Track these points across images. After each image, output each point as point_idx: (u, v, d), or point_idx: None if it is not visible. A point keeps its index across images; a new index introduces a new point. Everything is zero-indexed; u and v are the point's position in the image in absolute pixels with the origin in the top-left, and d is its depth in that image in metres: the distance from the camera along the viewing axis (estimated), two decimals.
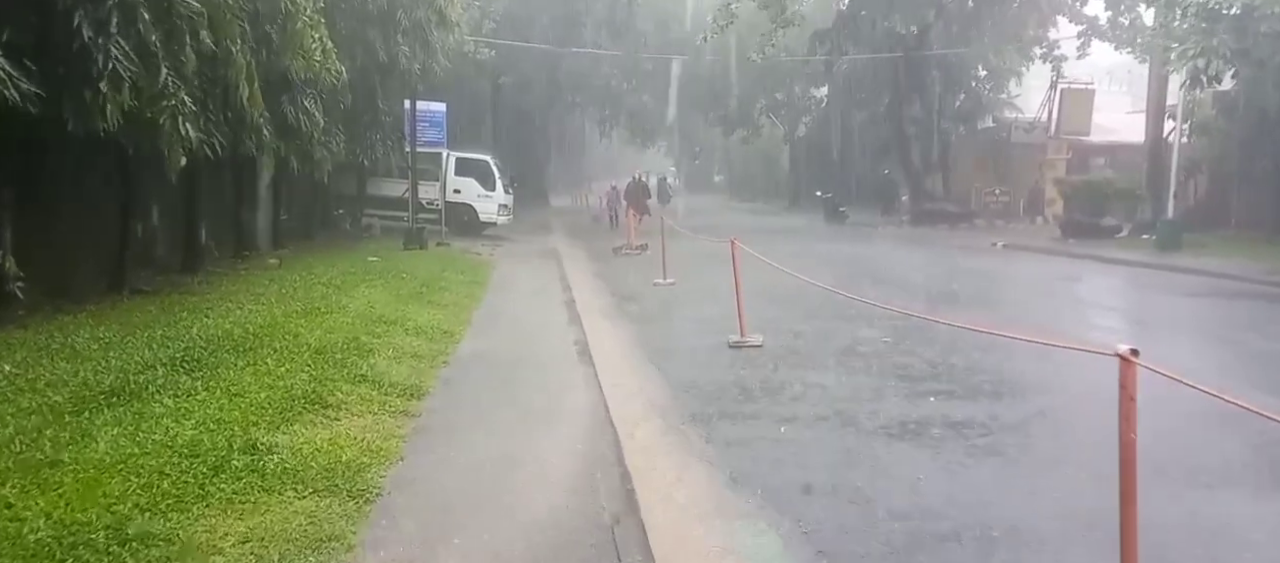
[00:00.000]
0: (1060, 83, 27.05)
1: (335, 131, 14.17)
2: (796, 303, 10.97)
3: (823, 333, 9.13)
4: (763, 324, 8.86)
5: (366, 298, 9.73)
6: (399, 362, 6.94)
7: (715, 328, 9.43)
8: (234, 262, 12.62)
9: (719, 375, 7.23)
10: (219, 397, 5.15)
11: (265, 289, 9.76)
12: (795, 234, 24.72)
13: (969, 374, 7.23)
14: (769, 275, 9.79)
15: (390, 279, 11.62)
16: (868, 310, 10.11)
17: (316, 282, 10.58)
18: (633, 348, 8.45)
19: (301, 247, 16.04)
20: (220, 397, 5.15)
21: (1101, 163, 28.54)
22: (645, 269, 15.48)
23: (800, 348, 8.34)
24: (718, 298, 11.90)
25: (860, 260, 17.29)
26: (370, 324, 8.15)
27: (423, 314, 9.28)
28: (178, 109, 7.50)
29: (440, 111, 18.51)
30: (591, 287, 13.40)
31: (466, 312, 9.98)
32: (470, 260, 16.03)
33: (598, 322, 9.93)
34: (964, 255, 18.81)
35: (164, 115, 7.43)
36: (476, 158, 22.77)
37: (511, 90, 32.91)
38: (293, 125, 11.21)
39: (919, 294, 12.32)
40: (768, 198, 49.08)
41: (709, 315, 10.32)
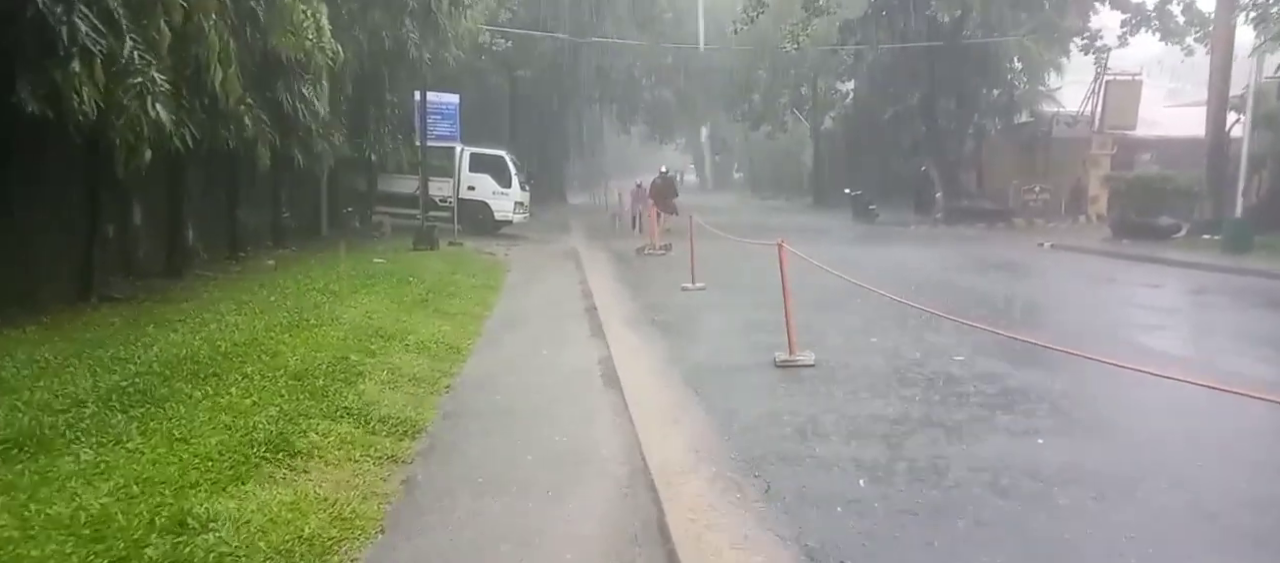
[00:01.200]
0: (1105, 74, 25.61)
1: (338, 124, 13.16)
2: (841, 310, 9.82)
3: (881, 348, 7.98)
4: (809, 337, 7.74)
5: (365, 306, 8.70)
6: (393, 388, 5.88)
7: (756, 341, 8.32)
8: (227, 264, 11.64)
9: (771, 404, 6.11)
10: (157, 444, 4.10)
11: (253, 296, 8.75)
12: (824, 234, 23.49)
13: (1072, 406, 6.07)
14: (809, 276, 8.66)
15: (394, 284, 10.59)
16: (925, 320, 8.98)
17: (312, 287, 9.56)
18: (665, 367, 7.34)
19: (305, 247, 15.07)
20: (158, 445, 4.10)
21: (1147, 158, 27.05)
22: (671, 272, 14.37)
23: (859, 367, 7.19)
24: (754, 305, 10.79)
25: (899, 261, 16.09)
26: (365, 339, 7.10)
27: (427, 326, 8.22)
28: (146, 88, 6.48)
29: (453, 104, 17.48)
30: (614, 292, 12.30)
31: (477, 322, 8.92)
32: (483, 262, 15.00)
33: (623, 334, 8.83)
34: (1011, 256, 17.53)
35: (130, 95, 6.41)
36: (492, 153, 21.75)
37: (528, 84, 31.86)
38: (288, 115, 10.19)
39: (976, 301, 11.13)
40: (789, 195, 47.79)
41: (746, 326, 9.21)
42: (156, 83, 6.39)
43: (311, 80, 10.53)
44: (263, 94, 9.90)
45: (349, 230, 19.07)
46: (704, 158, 70.41)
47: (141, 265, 10.13)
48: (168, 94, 6.56)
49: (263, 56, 9.25)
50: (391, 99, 16.19)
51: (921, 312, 8.65)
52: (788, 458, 4.94)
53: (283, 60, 9.60)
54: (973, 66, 27.96)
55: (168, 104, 6.47)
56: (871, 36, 27.79)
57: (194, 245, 10.28)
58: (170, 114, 6.54)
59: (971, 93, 28.94)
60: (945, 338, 8.29)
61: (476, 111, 31.29)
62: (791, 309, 7.40)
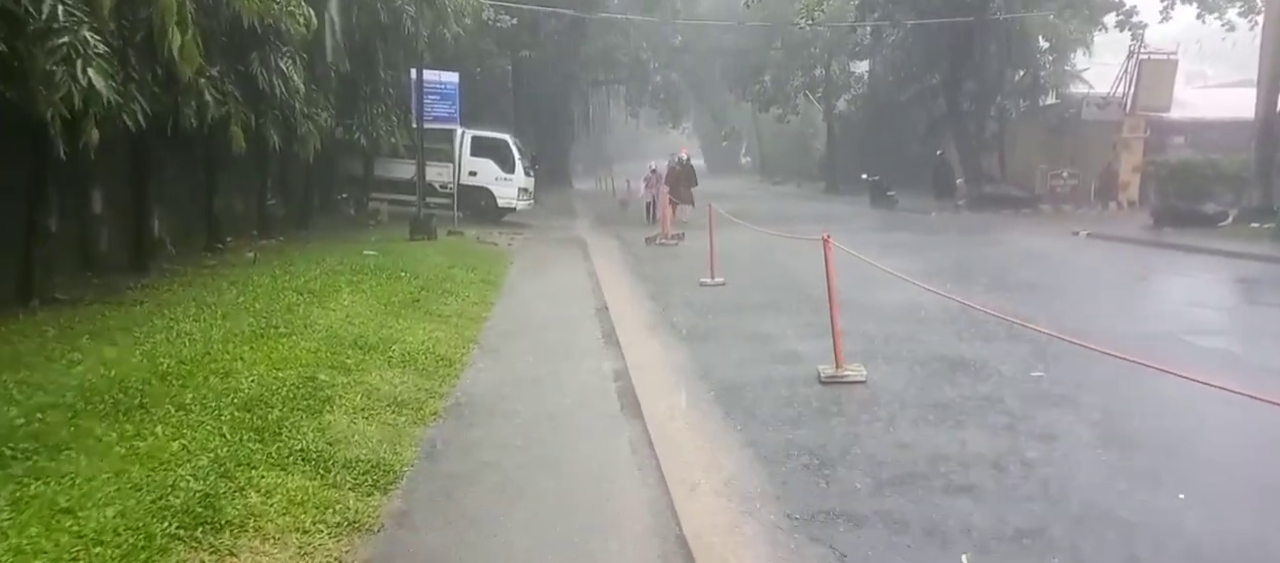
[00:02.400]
0: (1140, 52, 24.32)
1: (325, 102, 12.08)
2: (881, 309, 8.74)
3: (937, 358, 6.91)
4: (852, 342, 6.68)
5: (346, 308, 7.65)
6: (368, 417, 4.84)
7: (791, 350, 7.27)
8: (202, 256, 10.60)
9: (823, 435, 5.06)
10: (29, 522, 3.06)
11: (218, 297, 7.71)
12: (843, 221, 22.36)
13: (1197, 446, 5.01)
14: (841, 269, 7.57)
15: (384, 279, 9.54)
16: (979, 321, 7.91)
17: (290, 285, 8.51)
18: (691, 384, 6.29)
19: (293, 236, 14.03)
20: (31, 522, 3.06)
21: (1181, 142, 25.80)
22: (686, 264, 13.30)
23: (918, 385, 6.13)
24: (781, 304, 9.73)
25: (929, 251, 14.98)
26: (340, 352, 6.06)
27: (416, 330, 7.18)
28: (76, 51, 5.41)
29: (452, 83, 16.36)
30: (626, 287, 11.25)
31: (474, 326, 7.87)
32: (484, 253, 13.94)
33: (639, 340, 7.78)
34: (1047, 246, 16.40)
35: (54, 60, 5.35)
36: (494, 137, 20.64)
37: (533, 65, 30.66)
38: (263, 91, 9.11)
39: (1028, 298, 10.04)
40: (800, 180, 46.52)
41: (777, 330, 8.16)
42: (89, 45, 5.31)
43: (290, 53, 9.44)
44: (234, 67, 8.83)
45: (343, 218, 18.02)
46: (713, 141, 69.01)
47: (103, 260, 9.11)
48: (104, 59, 5.48)
49: (232, 25, 8.17)
50: (386, 77, 15.07)
51: (973, 311, 7.59)
52: (857, 520, 3.89)
53: (256, 30, 8.51)
54: (997, 45, 26.70)
55: (103, 71, 5.39)
56: (893, 13, 26.52)
57: (160, 237, 9.24)
58: (107, 83, 5.46)
59: (995, 73, 27.68)
60: (1009, 345, 7.22)
61: (479, 93, 30.15)
62: (838, 316, 6.33)
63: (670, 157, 20.76)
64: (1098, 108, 25.26)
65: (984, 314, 7.35)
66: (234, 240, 12.43)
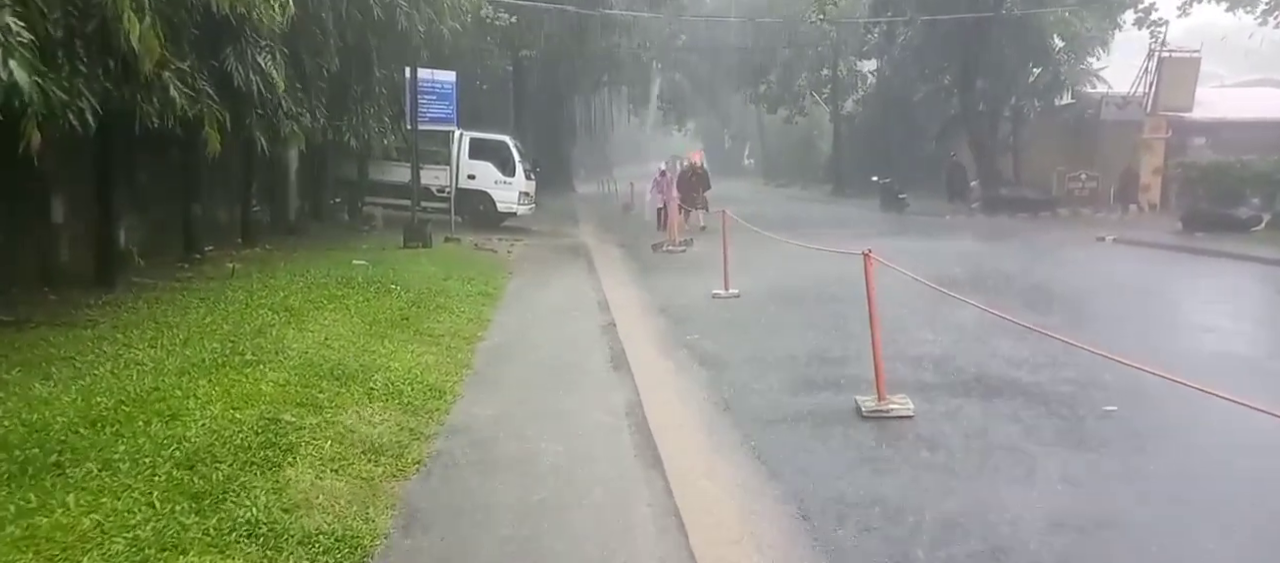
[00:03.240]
0: (1160, 50, 23.55)
1: (311, 102, 11.31)
2: (915, 323, 7.96)
3: (990, 385, 6.13)
4: (889, 365, 5.89)
5: (326, 329, 6.88)
6: (338, 470, 4.07)
7: (821, 375, 6.50)
8: (177, 268, 9.84)
9: (875, 487, 4.29)
10: None
11: (184, 316, 6.94)
12: (854, 226, 21.58)
13: None
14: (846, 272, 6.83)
15: (372, 293, 8.77)
16: (1024, 338, 7.14)
17: (266, 301, 7.75)
18: (713, 421, 5.51)
19: (281, 244, 13.26)
20: None
21: (1202, 143, 25.01)
22: (696, 273, 12.54)
23: (975, 420, 5.35)
24: (801, 319, 8.95)
25: (949, 258, 14.17)
26: (314, 383, 5.29)
27: (403, 355, 6.41)
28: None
29: (449, 82, 15.61)
30: (634, 300, 10.48)
31: (468, 348, 7.10)
32: (482, 261, 13.18)
33: (651, 364, 7.01)
34: (1074, 253, 15.63)
35: None
36: (494, 139, 19.91)
37: (534, 65, 29.90)
38: (240, 89, 8.34)
39: (1071, 312, 9.27)
40: (805, 182, 45.71)
41: (801, 350, 7.39)
42: (12, 32, 4.55)
43: (269, 47, 8.67)
44: (207, 62, 8.07)
45: (336, 224, 17.27)
46: (723, 143, 68.31)
47: (64, 274, 8.35)
48: (29, 48, 4.71)
49: (202, 14, 7.40)
50: (380, 76, 14.30)
51: (1015, 327, 6.79)
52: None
53: (230, 20, 7.75)
54: (1012, 42, 25.91)
55: (26, 64, 4.62)
56: (905, 10, 25.77)
57: (127, 248, 8.47)
58: (31, 77, 4.68)
59: (1010, 72, 26.88)
60: (1067, 370, 6.44)
61: (479, 94, 29.45)
62: (879, 341, 5.54)
63: (672, 158, 20.02)
64: (1118, 108, 24.48)
65: (1029, 330, 6.55)
66: (216, 250, 11.67)
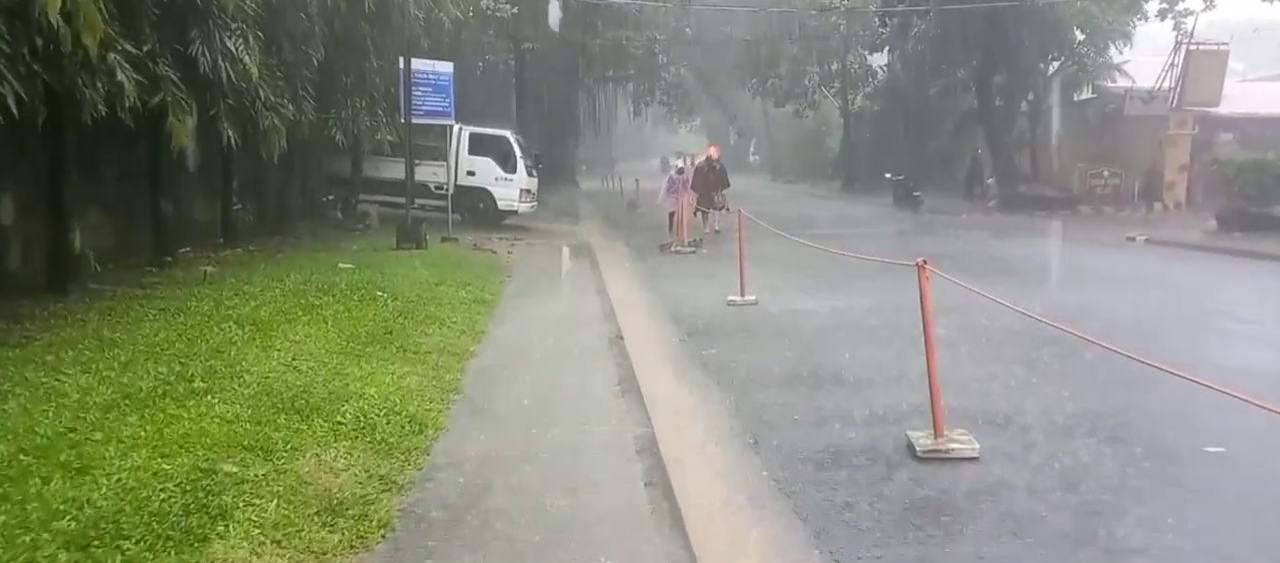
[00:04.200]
0: (1186, 42, 22.63)
1: (295, 93, 10.49)
2: (964, 337, 7.11)
3: (1063, 417, 5.29)
4: (921, 380, 5.04)
5: (297, 345, 6.07)
6: (281, 541, 3.25)
7: (860, 400, 5.66)
8: (144, 272, 9.03)
9: (947, 558, 3.46)
10: None
11: (134, 332, 6.13)
12: (869, 225, 20.77)
13: None
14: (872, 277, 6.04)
15: (355, 302, 7.96)
16: (1084, 354, 6.33)
17: (233, 312, 6.93)
18: (741, 462, 4.69)
19: (265, 245, 12.46)
20: None
21: (1228, 139, 24.10)
22: (707, 277, 11.72)
23: (1055, 466, 4.52)
24: (827, 330, 8.09)
25: (976, 260, 13.34)
26: (270, 418, 4.48)
27: (381, 378, 5.59)
28: None
29: (446, 74, 14.76)
30: (642, 307, 9.66)
31: (457, 366, 6.27)
32: (480, 263, 12.35)
33: (665, 385, 6.19)
34: (1107, 255, 14.77)
35: None
36: (494, 134, 19.08)
37: (536, 59, 29.04)
38: (206, 75, 7.52)
39: (1117, 320, 8.42)
40: (814, 179, 44.84)
41: (833, 368, 6.58)
42: None
43: (241, 31, 7.85)
44: (171, 46, 7.25)
45: (328, 223, 16.44)
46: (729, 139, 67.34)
47: (13, 281, 7.54)
48: None
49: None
50: (373, 67, 13.47)
51: (1073, 340, 5.97)
52: None
53: (196, 1, 6.93)
54: (1031, 35, 24.98)
55: None
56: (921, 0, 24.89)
57: (84, 251, 7.66)
58: None
59: (1028, 65, 25.95)
60: (1149, 397, 5.61)
61: (479, 88, 28.64)
62: (937, 370, 4.70)
63: (677, 154, 19.11)
64: (1143, 102, 23.56)
65: (1089, 345, 5.69)
66: (193, 251, 10.87)
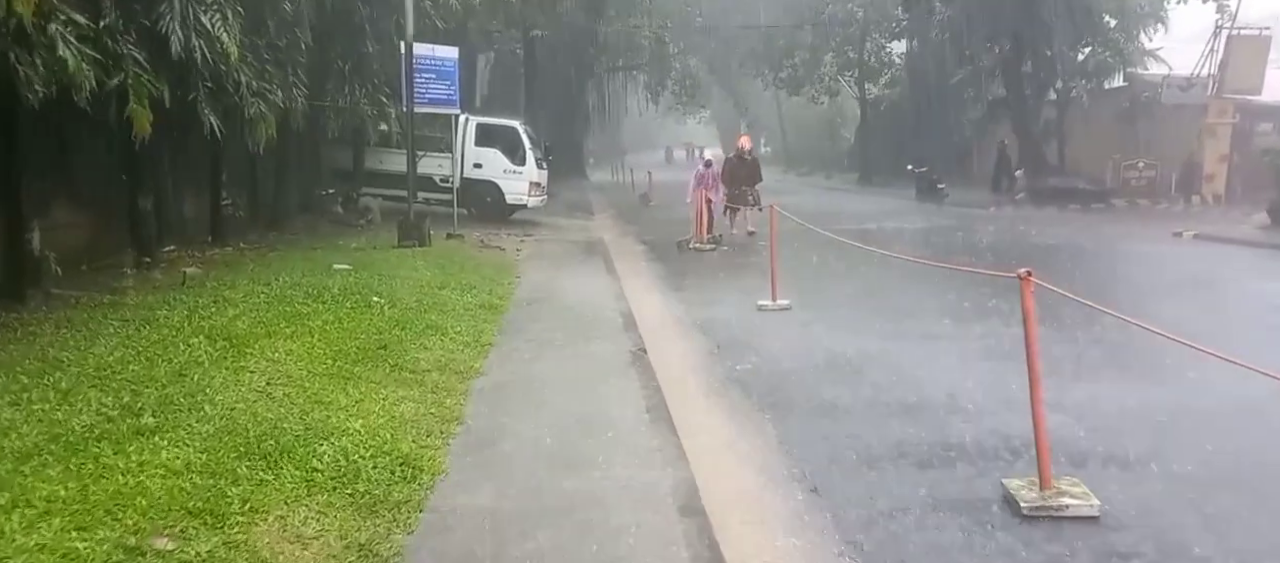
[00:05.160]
0: (1228, 27, 21.56)
1: (290, 78, 9.67)
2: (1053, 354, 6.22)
3: (1194, 458, 4.42)
4: (1016, 409, 4.17)
5: (274, 365, 5.25)
6: None
7: (931, 430, 4.83)
8: (120, 274, 8.22)
9: None
10: None
11: (86, 350, 5.31)
12: (895, 218, 19.82)
13: None
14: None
15: (347, 310, 7.14)
16: (1197, 367, 5.45)
17: (206, 323, 6.11)
18: (802, 514, 3.84)
19: (258, 243, 11.66)
20: None
21: (1269, 129, 23.07)
22: (732, 277, 10.89)
23: (1207, 535, 3.66)
24: (875, 341, 7.21)
25: (1020, 255, 12.44)
26: (228, 465, 3.66)
27: (370, 405, 4.76)
28: None
29: (450, 60, 13.88)
30: (665, 313, 8.80)
31: (459, 389, 5.42)
32: (487, 263, 11.51)
33: (701, 412, 5.34)
34: (1159, 252, 13.85)
35: None
36: (502, 124, 18.21)
37: (546, 47, 28.13)
38: (177, 56, 6.68)
39: (1214, 329, 7.51)
40: (828, 171, 43.82)
41: (893, 390, 5.71)
42: None
43: (218, 6, 7.01)
44: (138, 21, 6.43)
45: (328, 218, 15.62)
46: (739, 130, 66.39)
47: None
48: None
49: None
50: (372, 51, 12.63)
51: (1181, 350, 5.10)
52: None
53: None
54: (1061, 19, 23.92)
55: None
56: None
57: (43, 254, 6.85)
58: None
59: (1057, 51, 24.88)
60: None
61: (487, 77, 27.80)
62: (1042, 405, 3.83)
63: (686, 146, 18.12)
64: (1181, 90, 22.50)
65: (1202, 356, 4.83)
66: (178, 250, 10.07)
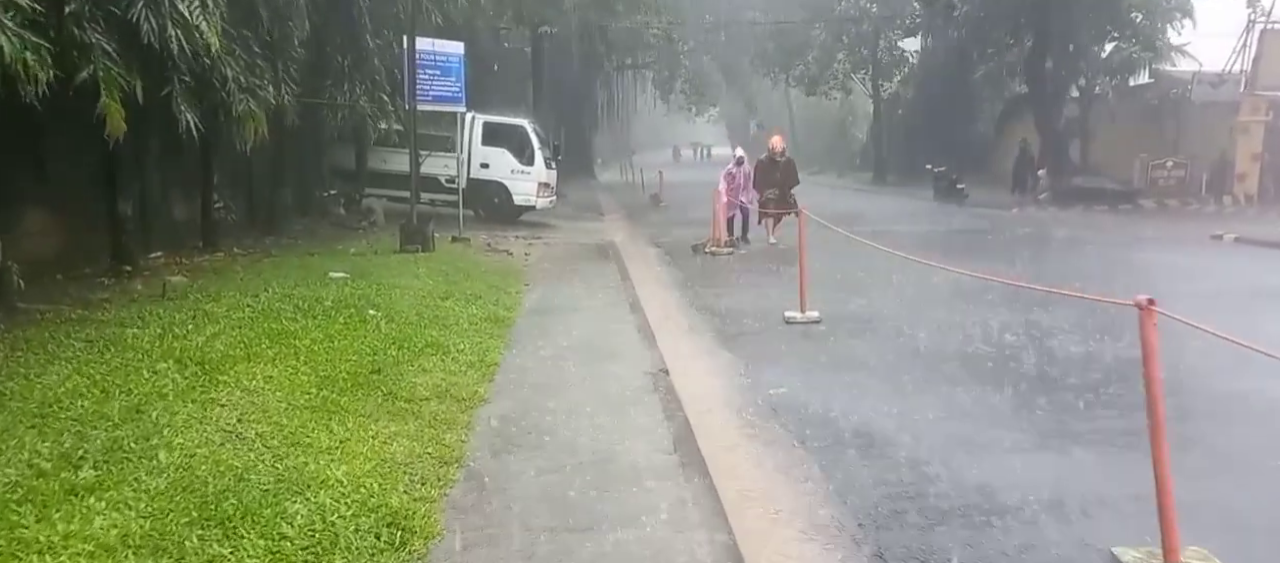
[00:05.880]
0: (1261, 22, 20.79)
1: (283, 73, 9.05)
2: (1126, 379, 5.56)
3: None
4: (1118, 452, 3.50)
5: (247, 397, 4.61)
6: None
7: (1005, 471, 4.15)
8: (98, 284, 7.62)
9: None
10: None
11: (36, 378, 4.68)
12: (915, 220, 19.13)
13: None
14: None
15: (341, 325, 6.51)
16: None
17: (178, 344, 5.48)
18: None
19: (253, 247, 11.05)
20: None
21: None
22: (753, 284, 10.25)
23: None
24: (926, 363, 6.51)
25: (1058, 263, 11.76)
26: (172, 536, 3.01)
27: (356, 447, 4.11)
28: None
29: (455, 55, 13.25)
30: (685, 325, 8.13)
31: (460, 421, 4.76)
32: (493, 269, 10.87)
33: (736, 456, 4.67)
34: (1202, 257, 13.12)
35: None
36: (510, 123, 17.59)
37: (554, 44, 27.47)
38: (150, 46, 6.06)
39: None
40: (840, 170, 43.11)
41: (944, 417, 5.03)
42: None
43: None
44: (104, 7, 5.80)
45: (330, 220, 15.03)
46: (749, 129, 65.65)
47: None
48: None
49: None
50: (372, 46, 12.00)
51: None
52: None
53: None
54: (1084, 14, 23.15)
55: None
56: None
57: (5, 264, 6.24)
58: None
59: (1080, 47, 24.11)
60: None
61: (494, 75, 27.14)
62: (1167, 464, 3.15)
63: (695, 146, 17.42)
64: (1211, 87, 21.72)
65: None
66: (166, 257, 9.47)
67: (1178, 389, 5.69)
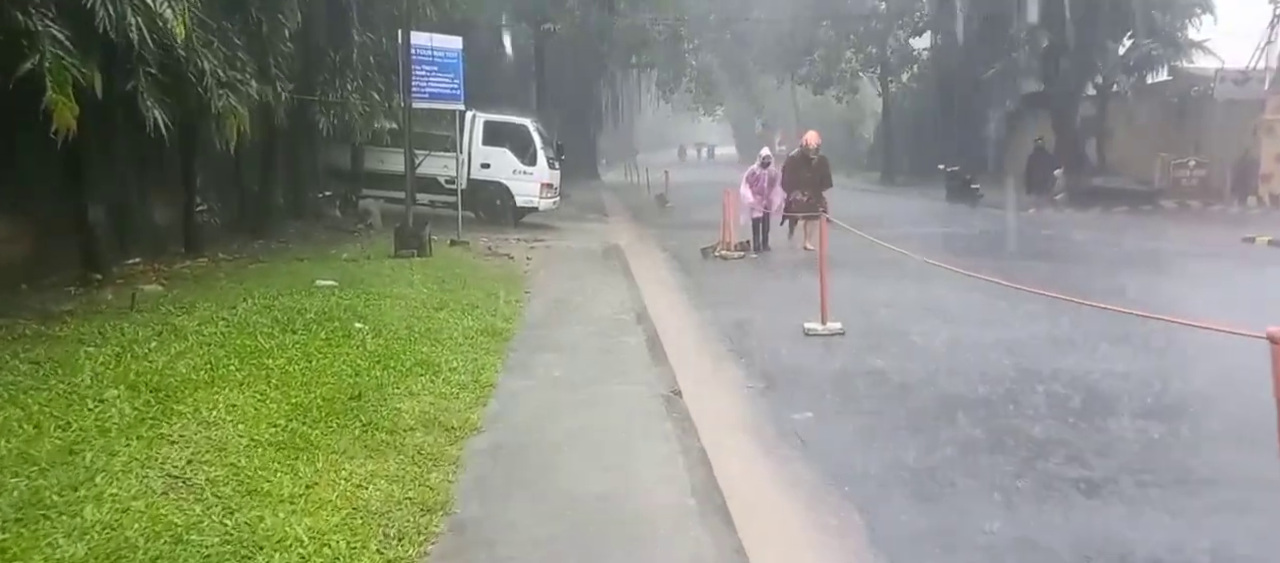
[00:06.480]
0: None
1: (268, 68, 8.48)
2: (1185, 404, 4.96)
3: None
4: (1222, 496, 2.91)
5: (205, 431, 4.03)
6: None
7: (1070, 514, 3.55)
8: (65, 294, 7.06)
9: None
10: None
11: None
12: (929, 222, 18.52)
13: None
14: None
15: (322, 341, 5.94)
16: None
17: (135, 367, 4.91)
18: None
19: (238, 252, 10.49)
20: None
21: None
22: (769, 293, 9.66)
23: None
24: (959, 382, 5.91)
25: (1088, 270, 11.14)
26: None
27: (324, 493, 3.54)
28: None
29: (454, 51, 12.68)
30: (697, 339, 7.54)
31: (448, 456, 4.17)
32: (492, 275, 10.29)
33: (763, 498, 4.09)
34: (1238, 261, 12.49)
35: None
36: (512, 122, 17.02)
37: (557, 42, 26.88)
38: (106, 35, 5.49)
39: None
40: (848, 169, 42.36)
41: (995, 450, 4.44)
42: None
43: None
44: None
45: (324, 223, 14.47)
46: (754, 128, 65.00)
47: None
48: None
49: None
50: (367, 41, 11.44)
51: None
52: None
53: None
54: (1102, 9, 22.50)
55: None
56: None
57: None
58: None
59: (1098, 43, 23.45)
60: None
61: (497, 74, 26.62)
62: None
63: (700, 145, 16.80)
64: (1235, 85, 21.06)
65: None
66: (144, 263, 8.90)
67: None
